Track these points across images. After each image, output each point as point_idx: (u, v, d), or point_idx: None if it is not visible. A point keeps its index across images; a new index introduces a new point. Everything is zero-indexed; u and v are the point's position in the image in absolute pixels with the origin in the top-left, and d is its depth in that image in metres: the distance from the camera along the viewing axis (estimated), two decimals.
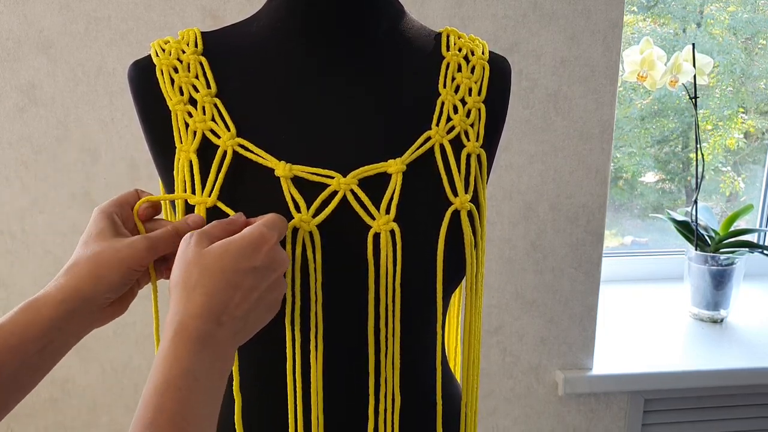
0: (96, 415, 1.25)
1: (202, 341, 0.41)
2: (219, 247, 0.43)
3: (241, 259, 0.43)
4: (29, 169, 1.11)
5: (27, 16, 1.04)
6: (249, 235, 0.44)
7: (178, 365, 0.40)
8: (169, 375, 0.39)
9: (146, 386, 0.39)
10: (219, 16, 1.07)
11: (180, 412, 0.38)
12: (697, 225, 1.38)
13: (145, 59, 0.56)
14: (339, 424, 0.55)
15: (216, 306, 0.42)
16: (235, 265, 0.43)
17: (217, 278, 0.42)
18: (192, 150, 0.52)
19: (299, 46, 0.55)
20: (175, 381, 0.39)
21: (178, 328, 0.41)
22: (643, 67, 1.28)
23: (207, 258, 0.43)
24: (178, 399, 0.39)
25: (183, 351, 0.40)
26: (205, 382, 0.41)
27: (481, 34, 1.09)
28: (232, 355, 0.44)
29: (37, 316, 0.43)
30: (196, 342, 0.41)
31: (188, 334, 0.41)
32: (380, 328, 0.52)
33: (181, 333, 0.41)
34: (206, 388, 0.41)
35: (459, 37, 0.60)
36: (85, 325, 0.46)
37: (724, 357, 1.27)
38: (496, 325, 1.25)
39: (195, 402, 0.39)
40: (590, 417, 1.34)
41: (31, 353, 0.43)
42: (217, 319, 0.42)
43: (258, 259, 0.44)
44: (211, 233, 0.46)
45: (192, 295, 0.42)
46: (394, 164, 0.52)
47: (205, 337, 0.41)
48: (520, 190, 1.18)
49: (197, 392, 0.40)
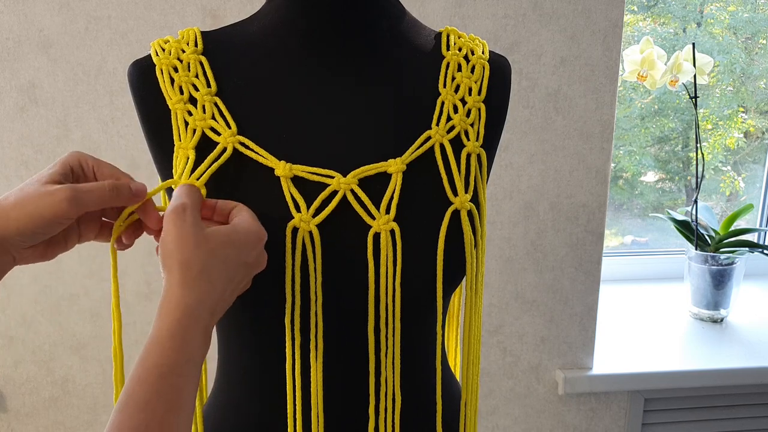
0: (96, 415, 1.25)
1: (203, 329, 0.41)
2: (224, 236, 0.43)
3: (241, 254, 0.43)
4: (29, 168, 1.11)
5: (27, 16, 1.04)
6: (250, 229, 0.44)
7: (184, 351, 0.39)
8: (175, 359, 0.39)
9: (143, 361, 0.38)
10: (219, 15, 1.07)
11: (178, 398, 0.38)
12: (697, 224, 1.38)
13: (145, 59, 0.56)
14: (339, 424, 0.55)
15: (216, 296, 0.42)
16: (236, 258, 0.43)
17: (221, 269, 0.42)
18: (190, 147, 0.52)
19: (300, 45, 0.55)
20: (179, 366, 0.39)
21: (188, 313, 0.40)
22: (643, 66, 1.27)
23: (212, 243, 0.42)
24: (179, 385, 0.38)
25: (191, 337, 0.40)
26: (197, 370, 0.41)
27: (482, 34, 1.09)
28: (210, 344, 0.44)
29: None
30: (200, 329, 0.41)
31: (195, 321, 0.40)
32: (380, 327, 0.52)
33: (190, 319, 0.40)
34: (197, 377, 0.41)
35: (459, 36, 0.60)
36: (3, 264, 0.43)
37: (724, 356, 1.27)
38: (496, 324, 1.25)
39: (189, 390, 0.39)
40: (590, 416, 1.34)
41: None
42: (214, 309, 0.42)
43: (252, 256, 0.44)
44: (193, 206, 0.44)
45: (197, 280, 0.41)
46: (394, 164, 0.52)
47: (205, 325, 0.41)
48: (520, 190, 1.18)
49: (193, 381, 0.40)
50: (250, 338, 0.55)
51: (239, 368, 0.56)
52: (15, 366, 1.22)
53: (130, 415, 0.36)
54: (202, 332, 0.41)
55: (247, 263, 0.44)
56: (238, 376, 0.56)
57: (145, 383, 0.37)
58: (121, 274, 1.14)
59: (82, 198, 0.43)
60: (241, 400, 0.56)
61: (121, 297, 1.18)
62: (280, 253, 0.49)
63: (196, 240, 0.42)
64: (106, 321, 1.20)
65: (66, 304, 1.18)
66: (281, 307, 0.50)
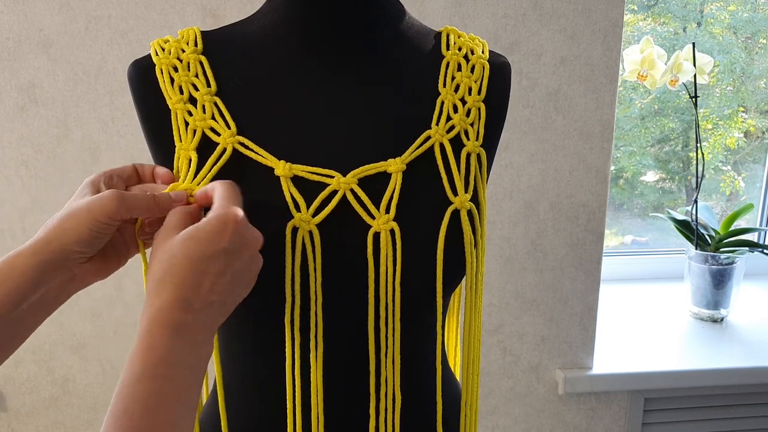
0: (96, 414, 1.25)
1: (175, 329, 0.41)
2: (184, 235, 0.43)
3: (207, 244, 0.43)
4: (30, 168, 1.11)
5: (27, 16, 1.04)
6: (212, 218, 0.44)
7: (152, 354, 0.39)
8: (144, 364, 0.39)
9: (121, 377, 0.39)
10: (219, 15, 1.07)
11: (155, 401, 0.38)
12: (697, 224, 1.38)
13: (145, 58, 0.56)
14: (339, 424, 0.55)
15: (186, 293, 0.42)
16: (202, 251, 0.42)
17: (184, 266, 0.42)
18: (191, 148, 0.52)
19: (299, 45, 0.55)
20: (149, 370, 0.39)
21: (151, 318, 0.41)
22: (643, 66, 1.27)
23: (173, 248, 0.43)
24: (154, 389, 0.38)
25: (157, 340, 0.40)
26: (182, 370, 0.40)
27: (481, 33, 1.09)
28: (211, 339, 0.43)
29: (11, 270, 0.43)
30: (169, 330, 0.40)
31: (161, 323, 0.40)
32: (380, 327, 0.52)
33: (153, 323, 0.40)
34: (183, 376, 0.40)
35: (459, 36, 0.60)
36: (63, 283, 0.45)
37: (724, 356, 1.27)
38: (496, 324, 1.25)
39: (170, 390, 0.39)
40: (590, 416, 1.34)
41: (7, 309, 0.42)
42: (189, 306, 0.42)
43: (224, 242, 0.43)
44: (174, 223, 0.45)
45: (161, 285, 0.42)
46: (393, 163, 0.52)
47: (178, 324, 0.41)
48: (520, 189, 1.18)
49: (173, 380, 0.39)
50: (250, 338, 0.55)
51: (239, 368, 0.56)
52: (15, 365, 1.22)
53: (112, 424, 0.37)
54: (173, 331, 0.40)
55: (220, 250, 0.43)
56: (238, 376, 0.56)
57: (123, 393, 0.38)
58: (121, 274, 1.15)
59: (127, 199, 0.45)
60: (240, 400, 0.56)
61: (121, 297, 1.18)
62: (279, 253, 0.49)
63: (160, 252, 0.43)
64: (106, 321, 1.20)
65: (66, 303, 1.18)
66: (281, 306, 0.50)
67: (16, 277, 0.42)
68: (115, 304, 1.18)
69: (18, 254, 0.43)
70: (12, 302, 0.42)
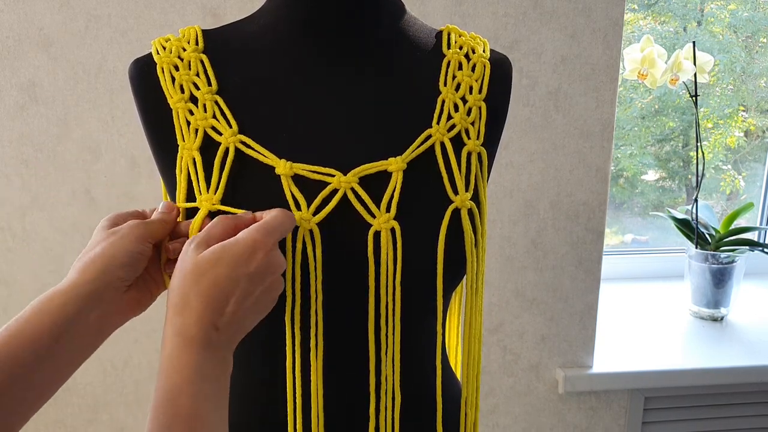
0: (97, 413, 1.25)
1: (205, 346, 0.42)
2: (213, 254, 0.44)
3: (236, 267, 0.43)
4: (30, 167, 1.11)
5: (27, 14, 1.04)
6: (243, 241, 0.44)
7: (187, 370, 0.40)
8: (181, 380, 0.40)
9: (156, 392, 0.40)
10: (219, 14, 1.07)
11: (195, 415, 0.39)
12: (697, 223, 1.38)
13: (146, 57, 0.56)
14: (339, 423, 0.55)
15: (213, 312, 0.42)
16: (230, 273, 0.43)
17: (212, 285, 0.43)
18: (195, 148, 0.52)
19: (300, 43, 0.55)
20: (186, 386, 0.40)
21: (182, 334, 0.42)
22: (643, 65, 1.27)
23: (202, 266, 0.43)
24: (191, 404, 0.39)
25: (191, 356, 0.41)
26: (213, 386, 0.41)
27: (482, 32, 1.09)
28: (231, 359, 0.44)
29: (51, 304, 0.43)
30: (201, 347, 0.41)
31: (191, 341, 0.41)
32: (381, 326, 0.52)
33: (185, 339, 0.41)
34: (214, 391, 0.41)
35: (460, 35, 0.60)
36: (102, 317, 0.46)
37: (724, 355, 1.27)
38: (496, 323, 1.25)
39: (207, 406, 0.40)
40: (590, 415, 1.34)
41: (46, 343, 0.42)
42: (215, 325, 0.43)
43: (252, 266, 0.44)
44: (211, 235, 0.46)
45: (189, 302, 0.42)
46: (394, 162, 0.52)
47: (207, 342, 0.42)
48: (521, 188, 1.18)
49: (208, 397, 0.41)
50: (251, 337, 0.55)
51: (239, 367, 0.56)
52: None
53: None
54: (203, 349, 0.41)
55: (248, 273, 0.44)
56: (239, 375, 0.56)
57: (161, 408, 0.39)
58: None
59: (150, 225, 0.48)
60: (241, 399, 0.56)
61: None
62: (280, 252, 0.49)
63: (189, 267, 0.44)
64: None
65: None
66: (281, 305, 0.50)
67: (56, 310, 0.43)
68: None
69: (57, 290, 0.44)
70: (51, 336, 0.42)
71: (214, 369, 0.42)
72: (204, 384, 0.41)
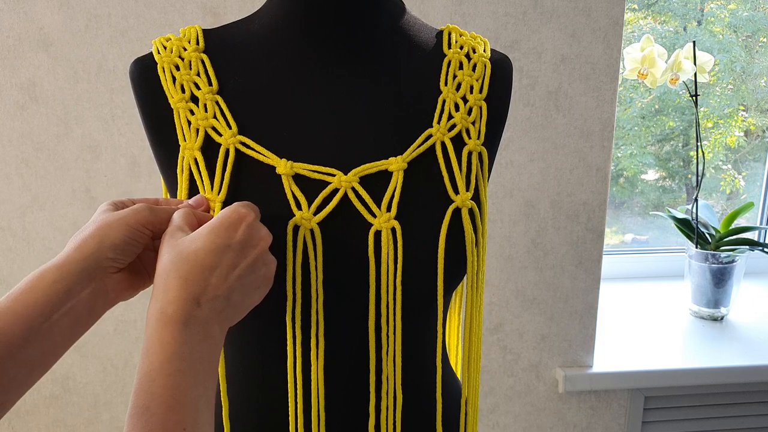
0: (97, 413, 1.25)
1: (184, 323, 0.41)
2: (193, 234, 0.44)
3: (215, 239, 0.43)
4: (30, 166, 1.11)
5: (27, 14, 1.04)
6: (222, 215, 0.45)
7: (164, 350, 0.40)
8: (158, 361, 0.40)
9: (137, 374, 0.40)
10: (219, 13, 1.06)
11: (173, 396, 0.39)
12: (697, 223, 1.38)
13: (147, 56, 0.56)
14: (340, 422, 0.55)
15: (192, 288, 0.42)
16: (209, 246, 0.43)
17: (191, 261, 0.42)
18: (196, 147, 0.52)
19: (300, 43, 0.55)
20: (164, 366, 0.39)
21: (159, 315, 0.41)
22: (643, 64, 1.27)
23: (180, 245, 0.43)
24: (171, 384, 0.39)
25: (167, 336, 0.40)
26: (194, 364, 0.41)
27: (482, 32, 1.09)
28: (220, 336, 0.44)
29: (41, 281, 0.43)
30: (179, 325, 0.41)
31: (169, 319, 0.41)
32: (381, 325, 0.52)
33: (162, 319, 0.41)
34: (195, 370, 0.41)
35: (460, 34, 0.60)
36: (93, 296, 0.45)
37: (724, 355, 1.27)
38: (496, 322, 1.25)
39: (187, 384, 0.40)
40: (590, 414, 1.34)
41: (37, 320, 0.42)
42: (196, 301, 0.42)
43: (235, 237, 0.44)
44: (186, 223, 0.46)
45: (167, 281, 0.42)
46: (395, 162, 0.52)
47: (186, 319, 0.41)
48: (521, 188, 1.18)
49: (187, 375, 0.40)
50: (251, 336, 0.55)
51: (240, 367, 0.56)
52: None
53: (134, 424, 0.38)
54: (181, 326, 0.41)
55: (229, 245, 0.44)
56: (239, 375, 0.56)
57: (140, 390, 0.39)
58: None
59: (157, 210, 0.47)
60: (241, 399, 0.56)
61: None
62: (281, 251, 0.49)
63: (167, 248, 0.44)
64: (106, 319, 1.20)
65: None
66: (282, 304, 0.50)
67: (47, 287, 0.43)
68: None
69: (48, 266, 0.44)
70: (42, 313, 0.42)
71: (197, 346, 0.41)
72: (182, 362, 0.40)
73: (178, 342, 0.40)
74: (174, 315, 0.41)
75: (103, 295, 0.46)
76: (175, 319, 0.41)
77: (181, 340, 0.41)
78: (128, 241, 0.45)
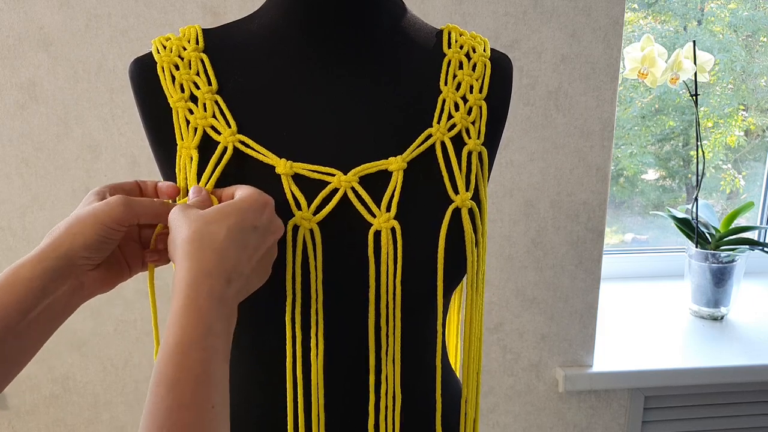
0: (97, 412, 1.25)
1: (218, 299, 0.41)
2: (221, 207, 0.44)
3: (246, 219, 0.43)
4: (30, 166, 1.11)
5: (27, 14, 1.04)
6: (250, 196, 0.45)
7: (201, 323, 0.39)
8: (194, 333, 0.39)
9: (166, 343, 0.39)
10: (219, 13, 1.06)
11: (205, 371, 0.38)
12: (697, 222, 1.38)
13: (147, 56, 0.56)
14: (340, 422, 0.55)
15: (226, 264, 0.42)
16: (241, 224, 0.43)
17: (225, 237, 0.42)
18: (193, 146, 0.52)
19: (300, 43, 0.55)
20: (199, 340, 0.39)
21: (195, 286, 0.40)
22: (643, 64, 1.27)
23: (208, 217, 0.43)
24: (203, 358, 0.38)
25: (205, 309, 0.40)
26: (223, 342, 0.40)
27: (482, 31, 1.09)
28: (236, 314, 0.43)
29: (17, 279, 0.42)
30: (214, 300, 0.40)
31: (206, 292, 0.40)
32: (381, 325, 0.52)
33: (199, 291, 0.40)
34: (224, 348, 0.40)
35: (460, 34, 0.60)
36: (70, 292, 0.45)
37: (724, 354, 1.27)
38: (496, 322, 1.25)
39: (216, 361, 0.39)
40: (591, 414, 1.34)
41: (14, 319, 0.41)
42: (228, 278, 0.42)
43: (261, 219, 0.44)
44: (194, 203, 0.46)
45: (202, 253, 0.41)
46: (394, 162, 0.52)
47: (220, 295, 0.41)
48: (521, 188, 1.18)
49: (218, 352, 0.40)
50: (251, 336, 0.55)
51: (240, 366, 0.56)
52: None
53: (164, 395, 0.37)
54: (216, 302, 0.40)
55: (256, 227, 0.44)
56: (239, 374, 0.56)
57: (170, 362, 0.38)
58: None
59: (134, 205, 0.45)
60: (241, 398, 0.56)
61: (121, 294, 1.18)
62: (281, 251, 0.49)
63: (192, 219, 0.43)
64: (106, 318, 1.20)
65: None
66: (282, 304, 0.50)
67: (23, 285, 0.42)
68: (115, 301, 1.18)
69: (23, 263, 0.43)
70: (19, 311, 0.41)
71: (222, 323, 0.41)
72: (215, 339, 0.39)
73: (213, 318, 0.40)
74: (211, 289, 0.40)
75: (79, 291, 0.45)
76: (212, 294, 0.40)
77: (216, 317, 0.40)
78: (100, 239, 0.44)
